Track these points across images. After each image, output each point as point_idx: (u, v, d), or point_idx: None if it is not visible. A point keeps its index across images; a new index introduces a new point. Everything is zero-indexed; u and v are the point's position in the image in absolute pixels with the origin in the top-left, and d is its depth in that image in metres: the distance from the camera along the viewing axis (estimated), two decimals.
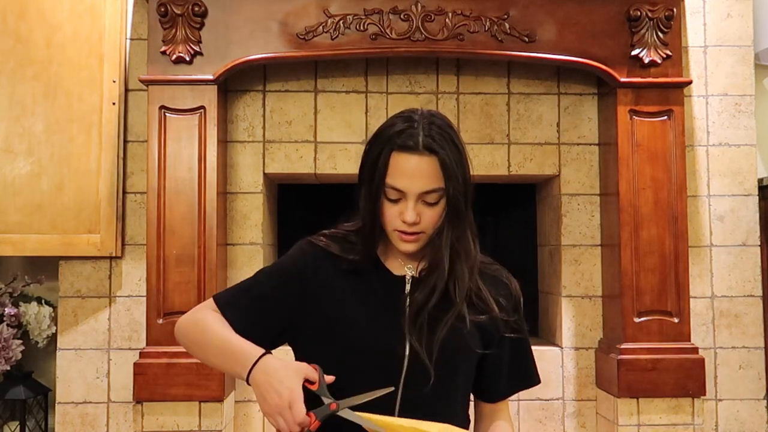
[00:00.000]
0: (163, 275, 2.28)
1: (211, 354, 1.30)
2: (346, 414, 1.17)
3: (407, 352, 1.27)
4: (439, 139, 1.25)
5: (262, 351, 1.23)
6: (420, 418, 1.25)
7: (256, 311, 1.33)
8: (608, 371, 2.38)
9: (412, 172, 1.24)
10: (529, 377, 1.42)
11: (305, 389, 1.17)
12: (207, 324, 1.31)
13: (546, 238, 2.74)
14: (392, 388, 1.22)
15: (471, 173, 1.31)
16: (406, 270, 1.34)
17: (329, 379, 1.21)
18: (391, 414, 1.25)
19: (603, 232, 2.52)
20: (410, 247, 1.30)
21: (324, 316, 1.32)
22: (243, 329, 1.30)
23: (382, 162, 1.26)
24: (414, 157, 1.24)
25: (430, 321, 1.28)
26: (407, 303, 1.30)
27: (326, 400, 1.18)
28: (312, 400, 1.18)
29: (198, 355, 1.33)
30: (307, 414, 1.15)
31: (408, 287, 1.32)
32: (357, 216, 1.34)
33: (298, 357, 1.32)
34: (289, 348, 1.36)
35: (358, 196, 1.32)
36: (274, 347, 1.33)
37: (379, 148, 1.27)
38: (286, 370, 1.18)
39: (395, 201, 1.27)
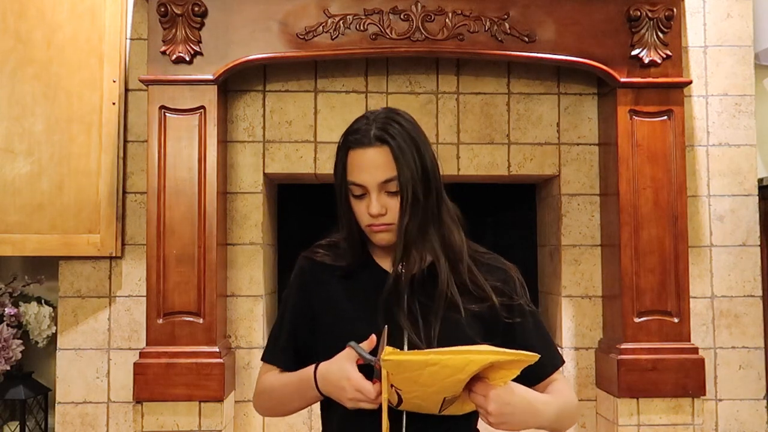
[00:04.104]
0: (163, 275, 2.28)
1: (289, 403, 1.40)
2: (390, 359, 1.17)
3: (405, 347, 1.29)
4: (392, 130, 1.30)
5: (312, 367, 1.31)
6: (424, 413, 1.26)
7: (290, 348, 1.42)
8: (608, 371, 2.38)
9: (368, 164, 1.30)
10: (553, 359, 1.40)
11: (361, 366, 1.24)
12: (267, 387, 1.43)
13: (546, 238, 2.74)
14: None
15: (436, 162, 1.35)
16: (399, 267, 1.35)
17: (368, 344, 1.25)
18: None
19: (603, 232, 2.52)
20: (384, 238, 1.34)
21: (325, 324, 1.37)
22: (292, 368, 1.40)
23: (341, 163, 1.33)
24: (368, 150, 1.30)
25: (426, 313, 1.30)
26: (403, 295, 1.32)
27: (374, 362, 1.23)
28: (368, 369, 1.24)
29: (283, 412, 1.44)
30: (372, 381, 1.21)
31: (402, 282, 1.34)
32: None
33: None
34: None
35: (336, 203, 1.38)
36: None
37: (339, 151, 1.34)
38: (336, 366, 1.26)
39: (361, 197, 1.32)
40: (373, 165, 1.29)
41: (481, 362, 1.12)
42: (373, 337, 1.25)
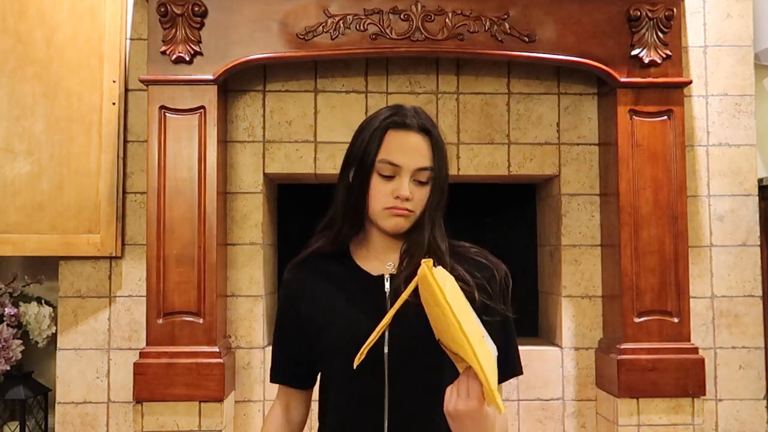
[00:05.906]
0: (163, 275, 2.28)
1: None
2: None
3: (386, 350, 1.30)
4: (429, 123, 1.35)
5: None
6: (410, 412, 1.28)
7: (289, 362, 1.47)
8: (608, 371, 2.38)
9: (410, 147, 1.32)
10: (510, 366, 1.39)
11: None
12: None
13: (546, 238, 2.74)
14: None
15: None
16: (386, 267, 1.36)
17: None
18: (381, 410, 1.29)
19: (603, 232, 2.52)
20: (401, 222, 1.33)
21: (316, 329, 1.37)
22: (290, 383, 1.49)
23: (376, 140, 1.32)
24: (411, 134, 1.33)
25: (409, 308, 1.28)
26: (387, 299, 1.33)
27: None
28: None
29: None
30: None
31: (387, 285, 1.34)
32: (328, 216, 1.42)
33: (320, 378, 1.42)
34: None
35: (339, 184, 1.38)
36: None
37: (371, 129, 1.34)
38: None
39: (388, 178, 1.32)
40: (414, 149, 1.32)
41: (463, 353, 1.13)
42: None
